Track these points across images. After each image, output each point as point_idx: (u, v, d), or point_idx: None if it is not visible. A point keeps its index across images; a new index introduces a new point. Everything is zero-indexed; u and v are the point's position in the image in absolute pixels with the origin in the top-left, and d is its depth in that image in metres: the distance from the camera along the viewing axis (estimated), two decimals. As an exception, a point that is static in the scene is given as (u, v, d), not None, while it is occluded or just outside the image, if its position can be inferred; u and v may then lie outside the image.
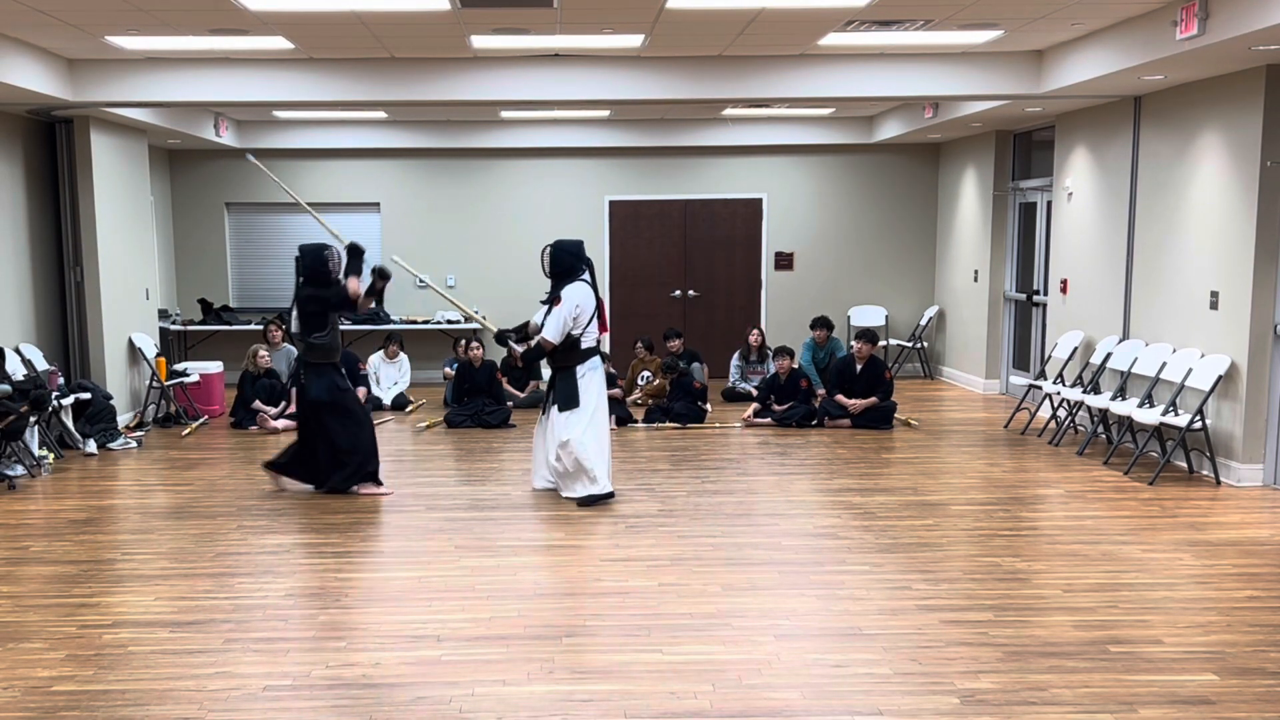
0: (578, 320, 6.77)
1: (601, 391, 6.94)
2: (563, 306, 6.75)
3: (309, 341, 6.99)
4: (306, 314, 6.95)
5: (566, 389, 6.81)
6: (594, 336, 6.89)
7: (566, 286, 6.81)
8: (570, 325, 6.75)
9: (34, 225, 8.93)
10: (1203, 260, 7.58)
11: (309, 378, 7.00)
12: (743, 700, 3.90)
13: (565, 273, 6.87)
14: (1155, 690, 3.99)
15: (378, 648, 4.42)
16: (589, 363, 6.87)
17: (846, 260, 12.74)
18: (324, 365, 7.00)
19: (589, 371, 6.86)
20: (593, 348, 6.90)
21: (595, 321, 6.87)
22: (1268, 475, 7.20)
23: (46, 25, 6.89)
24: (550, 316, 6.80)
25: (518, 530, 6.19)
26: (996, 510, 6.62)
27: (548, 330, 6.78)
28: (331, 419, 6.97)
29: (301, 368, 7.06)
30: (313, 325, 6.95)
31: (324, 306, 6.94)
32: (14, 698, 3.96)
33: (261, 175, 12.26)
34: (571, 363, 6.83)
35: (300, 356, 7.10)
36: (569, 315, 6.75)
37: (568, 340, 6.79)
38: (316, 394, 6.96)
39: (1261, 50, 6.36)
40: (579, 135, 12.22)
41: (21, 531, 6.25)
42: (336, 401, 6.99)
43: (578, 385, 6.81)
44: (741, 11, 6.79)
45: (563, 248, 6.93)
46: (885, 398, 9.49)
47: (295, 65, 8.30)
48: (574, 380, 6.81)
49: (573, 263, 6.89)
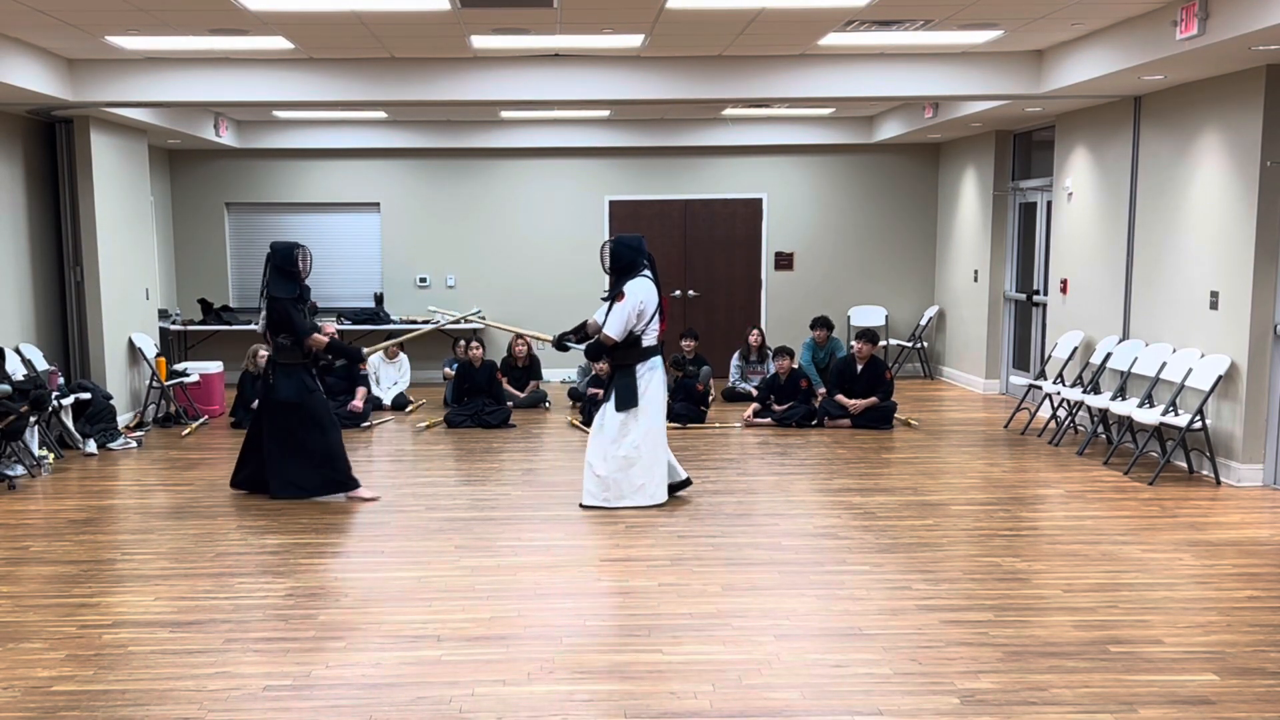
0: (641, 316, 6.59)
1: (661, 391, 6.75)
2: (626, 302, 6.56)
3: (277, 342, 6.88)
4: (274, 315, 6.84)
5: (625, 388, 6.62)
6: (656, 334, 6.71)
7: (629, 282, 6.62)
8: (633, 321, 6.58)
9: (34, 225, 8.93)
10: (1203, 260, 7.58)
11: (278, 378, 6.86)
12: (743, 700, 3.90)
13: (626, 268, 6.67)
14: (1155, 690, 3.99)
15: (378, 648, 4.42)
16: (650, 361, 6.69)
17: (846, 260, 12.74)
18: (293, 366, 6.88)
19: (649, 371, 6.68)
20: (654, 346, 6.72)
21: (657, 319, 6.70)
22: (1268, 475, 7.20)
23: (46, 25, 6.89)
24: (613, 312, 6.59)
25: (518, 530, 6.19)
26: (996, 510, 6.62)
27: (610, 327, 6.59)
28: (300, 424, 6.82)
29: (270, 368, 6.94)
30: (281, 326, 6.83)
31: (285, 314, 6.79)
32: (14, 698, 3.96)
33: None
34: (632, 360, 6.64)
35: (270, 356, 6.99)
36: (632, 311, 6.55)
37: (629, 337, 6.62)
38: (285, 395, 6.81)
39: (1261, 50, 6.36)
40: (579, 135, 12.23)
41: (21, 531, 6.25)
42: (305, 404, 6.84)
43: (637, 384, 6.62)
44: (741, 11, 6.79)
45: (623, 243, 6.74)
46: (885, 398, 9.49)
47: (295, 65, 8.30)
48: (633, 379, 6.62)
49: (634, 258, 6.69)
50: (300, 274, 6.92)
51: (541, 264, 12.51)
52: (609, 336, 6.62)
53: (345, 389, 9.80)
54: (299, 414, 6.85)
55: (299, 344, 6.84)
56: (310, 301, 7.14)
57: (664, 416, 6.80)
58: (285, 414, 6.85)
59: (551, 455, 8.39)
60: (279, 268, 6.89)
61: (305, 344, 6.85)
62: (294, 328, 6.82)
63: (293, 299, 6.86)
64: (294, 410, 6.84)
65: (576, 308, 12.12)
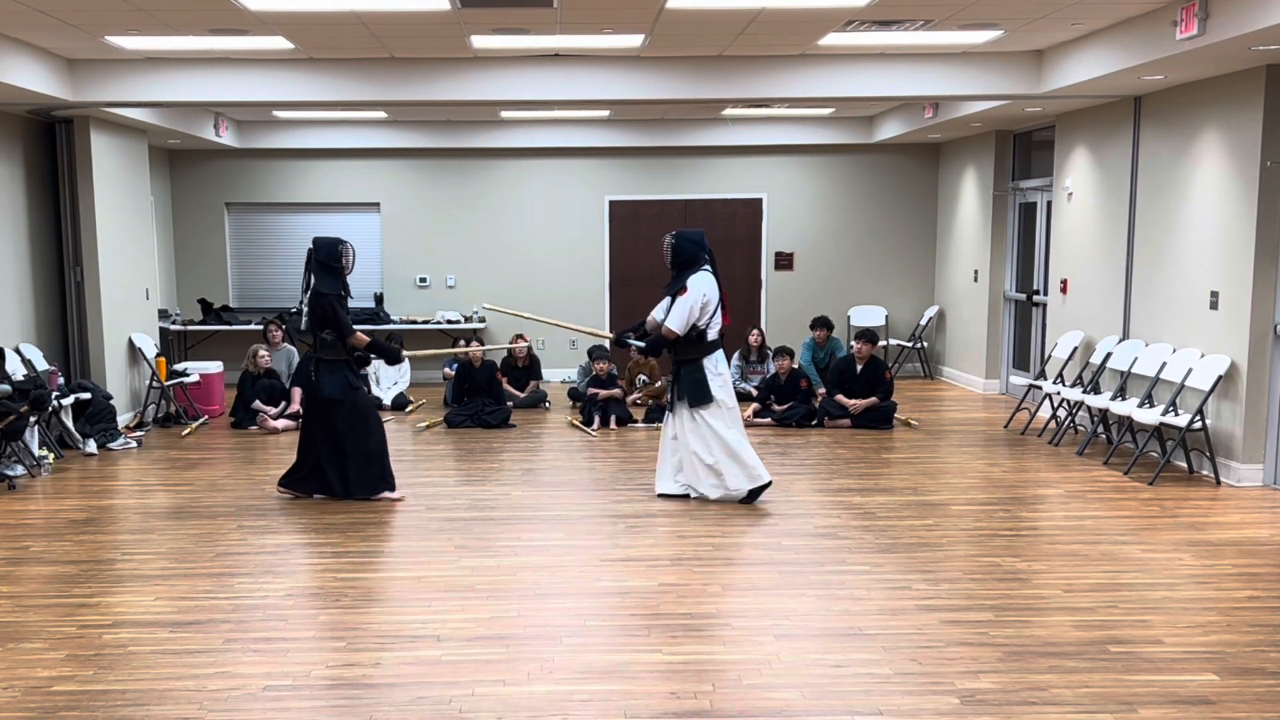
0: (704, 310, 6.57)
1: (730, 385, 6.75)
2: (689, 295, 6.55)
3: (321, 338, 6.81)
4: (319, 310, 6.78)
5: (695, 384, 6.60)
6: (719, 328, 6.71)
7: (692, 276, 6.61)
8: (696, 315, 6.57)
9: (34, 225, 8.93)
10: (1203, 260, 7.58)
11: (321, 375, 6.79)
12: (743, 700, 3.90)
13: (689, 262, 6.66)
14: (1155, 690, 3.99)
15: (378, 648, 4.42)
16: (715, 355, 6.69)
17: (846, 260, 12.74)
18: (336, 362, 6.82)
19: (716, 365, 6.69)
20: (718, 340, 6.72)
21: (720, 313, 6.69)
22: (1268, 475, 7.20)
23: (46, 25, 6.89)
24: (676, 306, 6.59)
25: (518, 530, 6.19)
26: (996, 510, 6.62)
27: (673, 320, 6.58)
28: (345, 420, 6.79)
29: (312, 365, 6.85)
30: (326, 322, 6.77)
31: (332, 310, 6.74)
32: (14, 698, 3.96)
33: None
34: (698, 355, 6.63)
35: (312, 353, 6.89)
36: (696, 304, 6.55)
37: (693, 332, 6.61)
38: (330, 391, 6.76)
39: (1261, 50, 6.36)
40: (579, 135, 12.23)
41: (21, 531, 6.25)
42: (350, 400, 6.81)
43: (707, 379, 6.61)
44: (741, 11, 6.79)
45: (685, 237, 6.73)
46: (885, 398, 9.49)
47: (295, 65, 8.30)
48: (702, 374, 6.61)
49: (696, 252, 6.69)
50: (344, 270, 6.85)
51: (541, 264, 12.51)
52: (672, 330, 6.60)
53: (345, 389, 9.79)
54: (344, 410, 6.80)
55: (342, 340, 6.81)
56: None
57: (737, 406, 6.81)
58: (331, 411, 6.80)
59: (551, 455, 8.39)
60: (323, 263, 6.82)
61: (348, 342, 6.81)
62: (339, 324, 6.77)
63: (337, 295, 6.81)
64: (339, 407, 6.79)
65: (576, 307, 12.15)
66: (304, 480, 6.96)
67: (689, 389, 6.65)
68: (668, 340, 6.69)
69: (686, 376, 6.67)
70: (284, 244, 12.53)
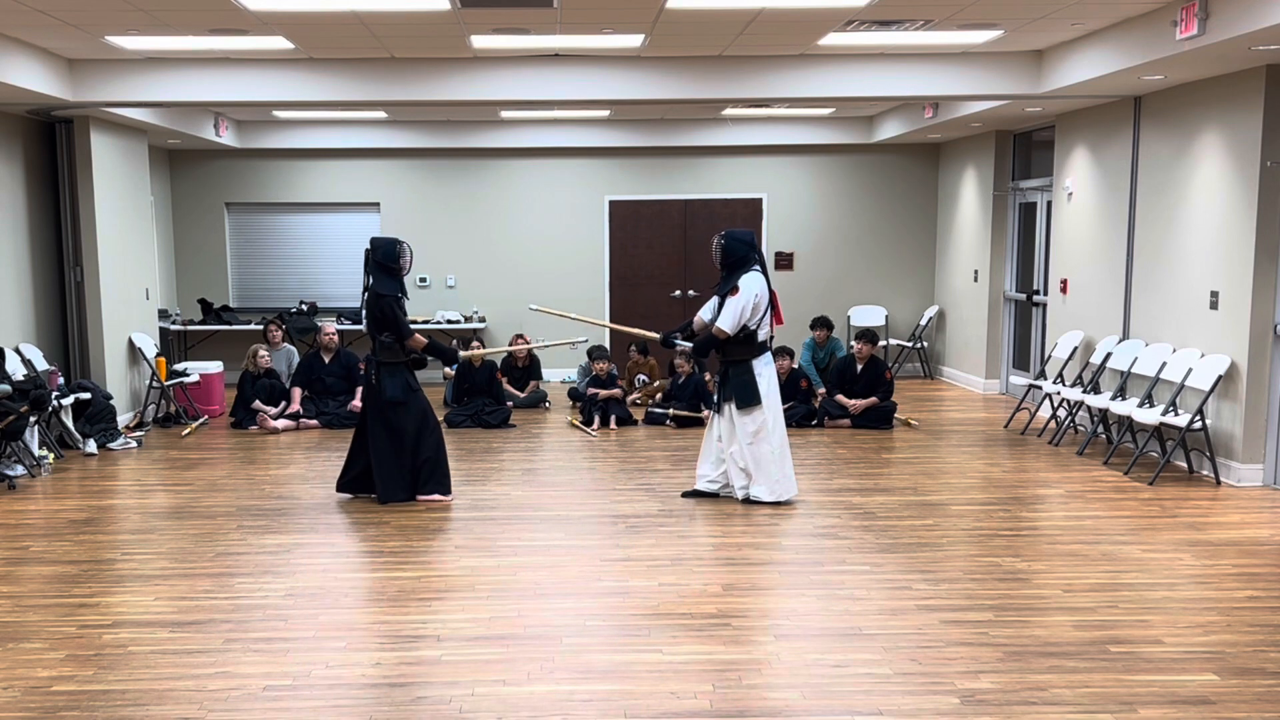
0: (756, 310, 6.54)
1: (776, 387, 6.70)
2: (741, 295, 6.51)
3: (380, 340, 6.76)
4: (378, 312, 6.73)
5: (743, 385, 6.55)
6: (768, 329, 6.67)
7: (742, 276, 6.57)
8: (747, 315, 6.54)
9: (34, 225, 8.93)
10: (1203, 260, 7.58)
11: (382, 377, 6.74)
12: (743, 700, 3.90)
13: (739, 263, 6.62)
14: (1155, 690, 3.99)
15: (378, 648, 4.42)
16: (764, 357, 6.66)
17: (846, 260, 12.74)
18: (396, 365, 6.78)
19: (764, 367, 6.65)
20: (766, 342, 6.69)
21: (770, 314, 6.66)
22: (1268, 475, 7.20)
23: (46, 25, 6.89)
24: (727, 306, 6.54)
25: (518, 530, 6.19)
26: (996, 510, 6.62)
27: (724, 320, 6.53)
28: (407, 422, 6.75)
29: (373, 367, 6.80)
30: (385, 324, 6.73)
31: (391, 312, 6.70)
32: (14, 698, 3.96)
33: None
34: (747, 356, 6.59)
35: (372, 356, 6.83)
36: (747, 305, 6.50)
37: (742, 333, 6.57)
38: (393, 394, 6.70)
39: (1261, 50, 6.36)
40: (579, 135, 12.23)
41: (21, 531, 6.25)
42: (410, 403, 6.78)
43: (755, 380, 6.56)
44: (741, 11, 6.79)
45: (735, 237, 6.67)
46: (885, 398, 9.49)
47: (295, 65, 8.30)
48: (750, 375, 6.56)
49: (747, 252, 6.64)
50: (402, 270, 6.81)
51: (541, 264, 12.51)
52: (723, 330, 6.56)
53: (345, 389, 9.80)
54: (404, 412, 6.77)
55: (400, 343, 6.77)
56: (311, 301, 7.11)
57: (781, 411, 6.76)
58: (394, 414, 6.76)
59: (551, 455, 8.38)
60: (380, 264, 6.77)
61: (406, 344, 6.78)
62: (398, 326, 6.74)
63: (395, 296, 6.77)
64: (400, 408, 6.76)
65: (576, 307, 12.11)
66: (358, 480, 6.92)
67: (737, 390, 6.58)
68: (718, 341, 6.63)
69: (735, 378, 6.60)
70: (284, 244, 12.54)
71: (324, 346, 9.91)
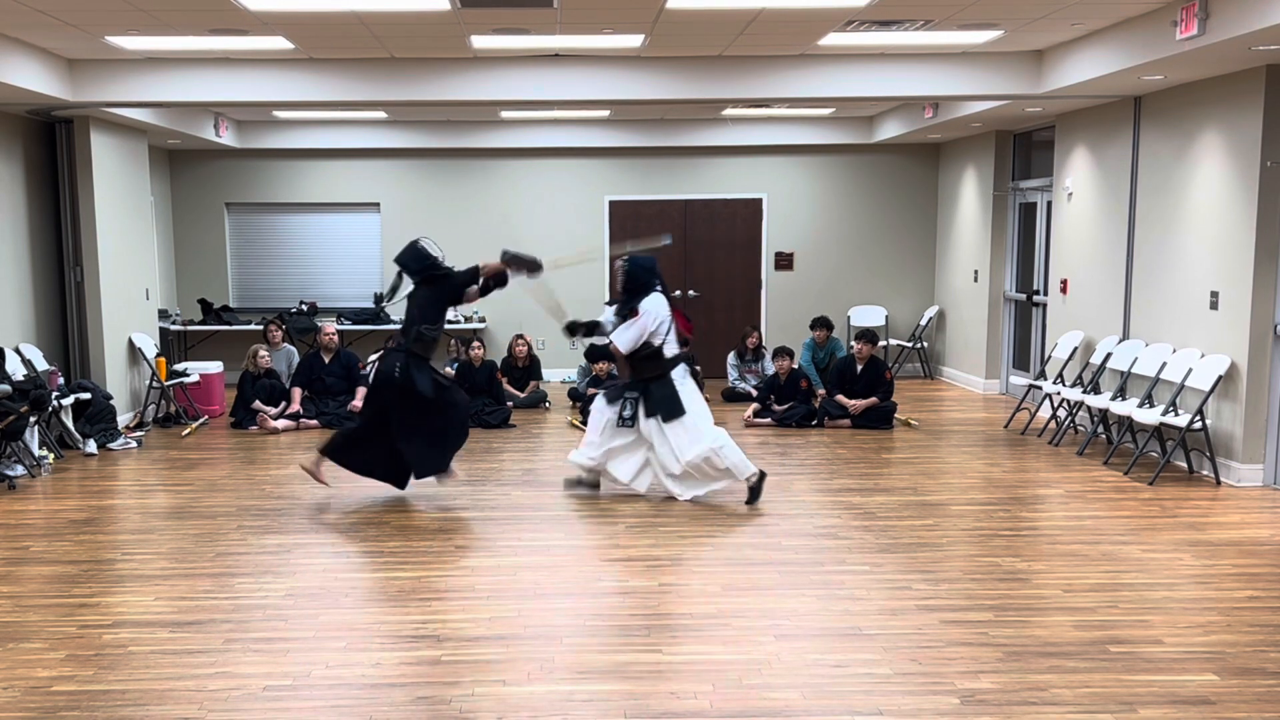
0: (655, 333, 6.82)
1: (697, 392, 6.97)
2: (641, 319, 6.81)
3: (419, 332, 6.82)
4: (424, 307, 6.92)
5: (666, 399, 6.79)
6: (675, 344, 6.93)
7: (644, 300, 6.86)
8: (644, 337, 6.81)
9: (34, 225, 8.93)
10: (1203, 260, 7.58)
11: (414, 372, 6.75)
12: (743, 700, 3.90)
13: (641, 288, 6.93)
14: (1155, 690, 3.99)
15: (378, 648, 4.42)
16: (679, 370, 6.90)
17: (846, 260, 12.74)
18: (425, 360, 6.87)
19: (681, 378, 6.89)
20: (677, 355, 6.93)
21: (673, 330, 6.92)
22: (1268, 475, 7.20)
23: (46, 25, 6.89)
24: (626, 328, 6.83)
25: (517, 530, 6.19)
26: (996, 510, 6.62)
27: (621, 339, 6.84)
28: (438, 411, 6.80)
29: (399, 361, 6.77)
30: (426, 317, 6.90)
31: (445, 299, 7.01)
32: (14, 698, 3.96)
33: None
34: (664, 371, 6.85)
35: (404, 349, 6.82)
36: (646, 327, 6.80)
37: (650, 349, 6.83)
38: (424, 388, 6.73)
39: (1261, 50, 6.36)
40: (579, 135, 12.23)
41: (21, 531, 6.25)
42: (441, 398, 6.84)
43: (677, 392, 6.81)
44: (741, 11, 6.79)
45: (639, 264, 7.02)
46: (885, 398, 9.49)
47: (295, 65, 8.30)
48: (672, 388, 6.81)
49: (649, 279, 6.97)
50: (440, 259, 7.02)
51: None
52: (618, 348, 6.88)
53: (345, 389, 9.80)
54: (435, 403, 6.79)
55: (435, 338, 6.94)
56: (311, 301, 7.13)
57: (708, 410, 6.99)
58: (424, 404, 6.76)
59: (551, 455, 8.38)
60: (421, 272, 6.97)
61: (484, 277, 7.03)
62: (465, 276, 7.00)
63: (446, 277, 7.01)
64: (433, 405, 6.78)
65: (575, 307, 12.10)
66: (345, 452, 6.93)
67: (661, 405, 6.79)
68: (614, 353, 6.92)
69: (658, 392, 6.82)
70: (284, 244, 12.53)
71: (324, 347, 9.91)
